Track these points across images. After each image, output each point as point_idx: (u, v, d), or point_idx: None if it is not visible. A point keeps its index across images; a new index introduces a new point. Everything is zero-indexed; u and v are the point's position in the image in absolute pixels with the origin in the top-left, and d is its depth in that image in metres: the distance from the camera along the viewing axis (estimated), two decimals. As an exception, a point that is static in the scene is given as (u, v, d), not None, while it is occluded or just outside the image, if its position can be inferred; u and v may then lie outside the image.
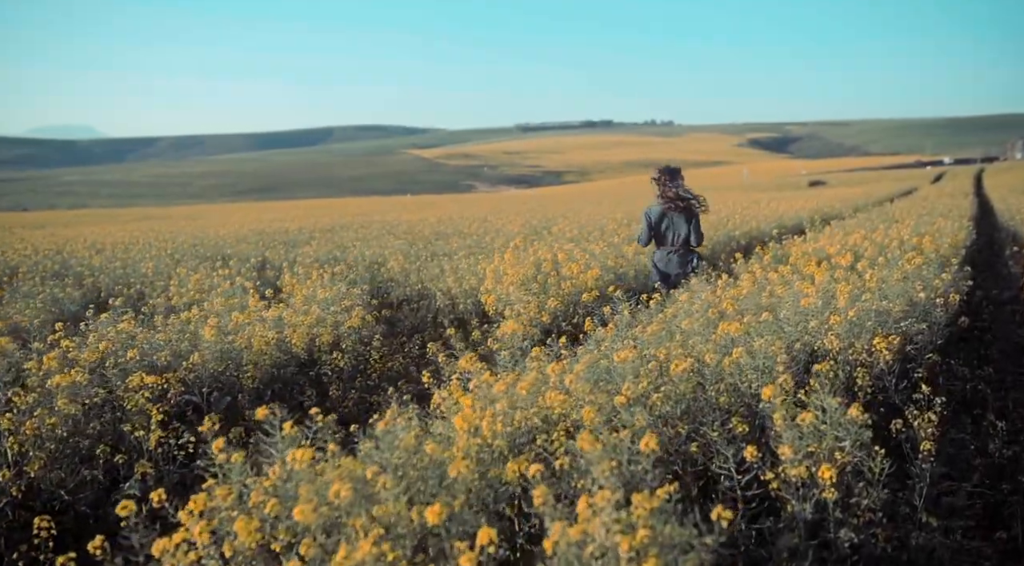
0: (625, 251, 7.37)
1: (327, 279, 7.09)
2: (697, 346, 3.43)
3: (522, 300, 5.55)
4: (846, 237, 8.03)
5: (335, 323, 5.16)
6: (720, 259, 8.43)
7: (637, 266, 6.96)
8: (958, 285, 5.48)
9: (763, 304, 4.30)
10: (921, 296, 4.52)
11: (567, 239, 9.45)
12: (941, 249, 6.66)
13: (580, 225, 11.70)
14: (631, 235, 9.35)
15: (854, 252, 6.73)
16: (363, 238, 13.08)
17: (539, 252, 7.04)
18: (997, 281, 10.13)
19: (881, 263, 5.83)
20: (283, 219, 25.22)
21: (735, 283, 5.22)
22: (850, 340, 3.52)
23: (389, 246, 10.54)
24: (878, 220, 11.19)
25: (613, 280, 6.64)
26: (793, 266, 6.09)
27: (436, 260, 8.81)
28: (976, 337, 6.37)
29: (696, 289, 4.74)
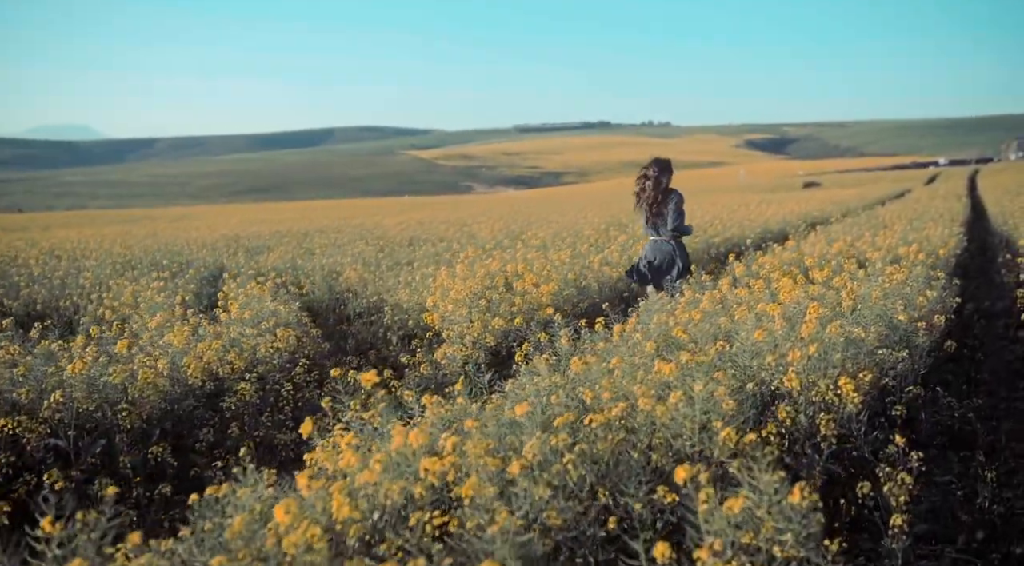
0: (591, 261, 6.87)
1: (267, 292, 6.56)
2: (635, 386, 2.91)
3: (464, 320, 5.03)
4: (828, 246, 7.53)
5: (253, 346, 4.63)
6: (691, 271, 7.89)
7: (601, 278, 6.44)
8: (945, 302, 4.97)
9: (721, 329, 3.79)
10: (902, 318, 4.00)
11: (535, 247, 8.93)
12: (929, 259, 6.16)
13: (555, 232, 11.19)
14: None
15: (835, 262, 6.22)
16: (334, 243, 12.55)
17: (493, 264, 6.52)
18: (989, 290, 9.63)
19: (862, 276, 5.32)
20: (267, 221, 24.68)
21: (696, 303, 4.71)
22: (814, 378, 3.00)
23: (351, 253, 10.01)
24: (866, 225, 10.69)
25: (574, 295, 6.12)
26: (767, 279, 5.58)
27: (396, 270, 8.29)
28: (966, 356, 5.86)
29: (649, 309, 4.22)
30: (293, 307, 5.86)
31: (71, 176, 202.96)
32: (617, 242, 8.86)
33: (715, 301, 4.75)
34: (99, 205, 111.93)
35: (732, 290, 5.33)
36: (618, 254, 7.36)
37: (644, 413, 2.69)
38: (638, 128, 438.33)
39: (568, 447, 2.42)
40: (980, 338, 6.60)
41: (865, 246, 7.28)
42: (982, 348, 6.35)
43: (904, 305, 4.57)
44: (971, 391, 5.14)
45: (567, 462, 2.36)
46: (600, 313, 6.03)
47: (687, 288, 5.63)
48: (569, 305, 5.98)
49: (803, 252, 7.29)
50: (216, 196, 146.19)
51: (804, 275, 5.60)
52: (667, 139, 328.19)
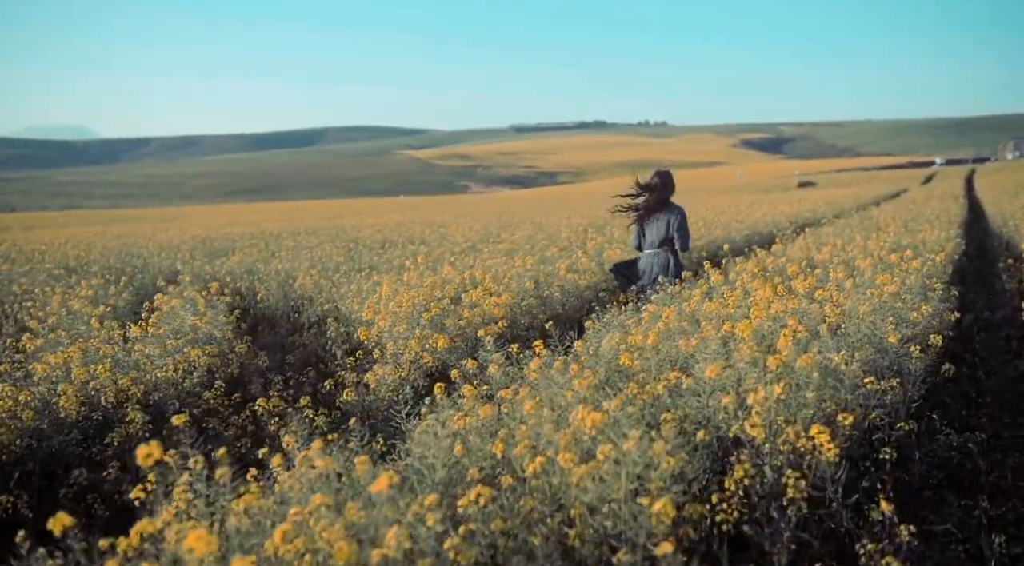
0: (558, 267, 6.30)
1: (203, 301, 5.97)
2: (558, 435, 2.34)
3: (403, 336, 4.46)
4: (816, 250, 6.98)
5: (157, 368, 4.05)
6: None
7: (565, 286, 5.87)
8: (943, 317, 4.41)
9: (681, 354, 3.23)
10: (892, 341, 3.44)
11: (503, 252, 8.36)
12: (925, 266, 5.61)
13: (530, 234, 10.60)
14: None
15: (822, 269, 5.66)
16: (302, 246, 11.97)
17: (447, 271, 5.94)
18: (989, 297, 9.09)
19: (849, 287, 4.76)
20: (247, 222, 24.10)
21: (659, 318, 4.14)
22: (783, 420, 2.44)
23: (310, 258, 9.43)
24: (858, 228, 10.13)
25: (534, 306, 5.55)
26: (744, 289, 5.02)
27: (354, 276, 7.71)
28: (966, 375, 5.31)
29: (598, 330, 3.66)
30: (219, 319, 5.27)
31: (65, 176, 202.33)
32: (588, 246, 8.30)
33: (682, 316, 4.19)
34: (93, 205, 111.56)
35: (704, 302, 4.77)
36: (588, 259, 6.79)
37: (564, 473, 2.13)
38: (634, 128, 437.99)
39: (457, 526, 1.85)
40: (980, 353, 6.05)
41: (856, 251, 6.72)
42: (983, 364, 5.80)
43: (896, 322, 4.01)
44: (972, 417, 4.59)
45: (448, 549, 1.79)
46: (565, 325, 5.47)
47: (652, 300, 5.07)
48: (528, 316, 5.42)
49: (789, 257, 6.73)
50: (210, 196, 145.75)
51: (786, 285, 5.04)
52: (663, 139, 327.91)
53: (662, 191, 5.66)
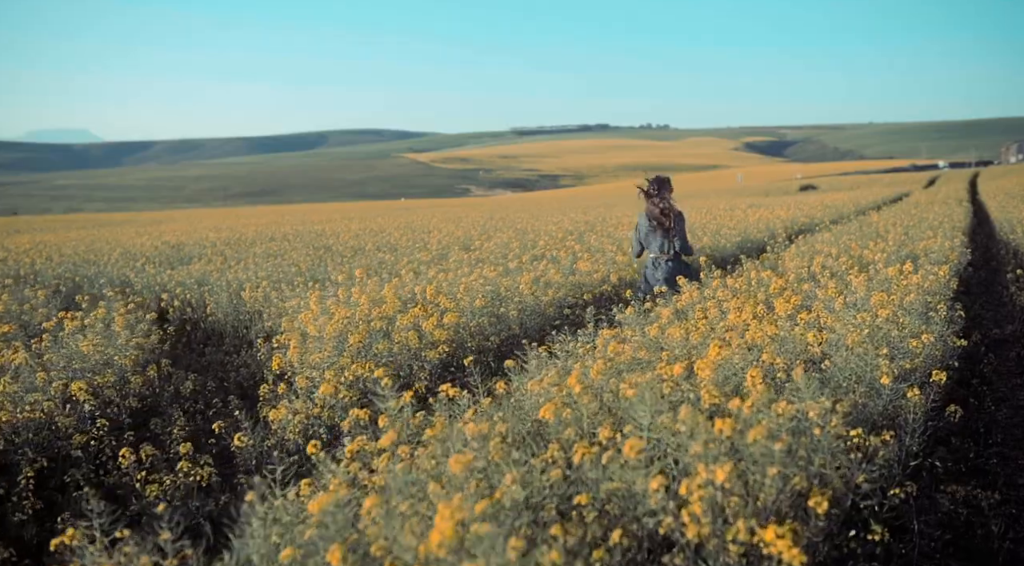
0: (520, 280, 5.67)
1: (121, 319, 5.35)
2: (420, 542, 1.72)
3: (319, 365, 3.85)
4: (808, 261, 6.36)
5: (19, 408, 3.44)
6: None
7: (522, 303, 5.24)
8: (947, 344, 3.79)
9: (620, 404, 2.61)
10: (886, 382, 2.82)
11: (470, 261, 7.74)
12: (927, 281, 4.98)
13: (505, 242, 9.95)
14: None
15: (810, 285, 5.04)
16: (272, 253, 11.36)
17: (395, 283, 5.31)
18: (996, 310, 8.45)
19: (839, 308, 4.14)
20: (229, 227, 23.53)
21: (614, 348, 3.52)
22: (733, 509, 1.82)
23: (266, 268, 8.82)
24: (856, 235, 9.50)
25: (487, 326, 4.93)
26: (722, 310, 4.40)
27: (308, 288, 7.10)
28: (974, 406, 4.68)
29: (534, 371, 3.05)
30: (129, 341, 4.65)
31: (68, 179, 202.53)
32: (562, 256, 7.66)
33: (643, 343, 3.57)
34: (95, 208, 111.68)
35: (672, 325, 4.15)
36: (556, 271, 6.17)
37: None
38: (637, 131, 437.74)
39: None
40: (989, 377, 5.42)
41: (849, 263, 6.10)
42: (992, 391, 5.17)
43: (891, 353, 3.39)
44: (981, 458, 3.96)
45: None
46: (519, 347, 4.86)
47: (618, 321, 4.47)
48: (480, 337, 4.80)
49: (776, 269, 6.11)
50: (211, 199, 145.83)
51: (769, 305, 4.42)
52: (665, 142, 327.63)
53: (666, 196, 5.75)
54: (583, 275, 6.28)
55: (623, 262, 7.11)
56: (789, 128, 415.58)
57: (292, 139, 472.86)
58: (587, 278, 6.27)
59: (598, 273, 6.35)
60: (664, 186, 5.79)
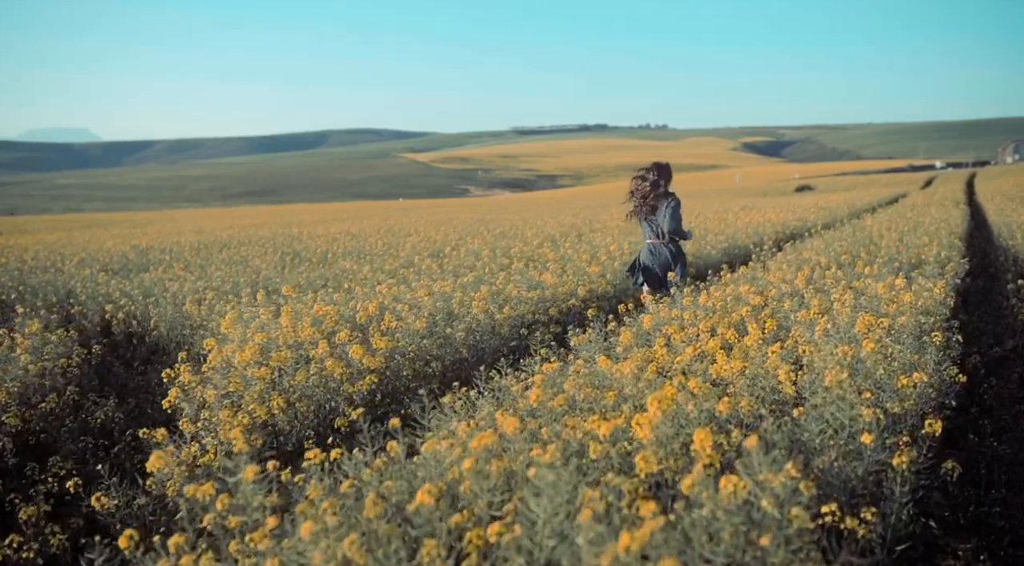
0: (473, 297, 5.14)
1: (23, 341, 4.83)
2: None
3: (220, 404, 3.33)
4: (794, 272, 5.84)
5: None
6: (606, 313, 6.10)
7: (475, 323, 4.72)
8: (943, 378, 3.27)
9: (518, 477, 2.09)
10: (867, 441, 2.31)
11: (430, 272, 7.21)
12: (921, 298, 4.47)
13: (475, 249, 9.40)
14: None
15: (791, 304, 4.53)
16: (235, 260, 10.83)
17: (320, 305, 4.78)
18: (996, 321, 7.93)
19: (819, 336, 3.63)
20: (212, 229, 23.02)
21: (555, 382, 3.01)
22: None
23: (222, 275, 8.30)
24: (849, 240, 9.00)
25: (430, 350, 4.41)
26: (688, 335, 3.89)
27: (249, 301, 6.58)
28: (973, 443, 4.16)
29: (452, 415, 2.55)
30: (17, 369, 4.13)
31: (67, 179, 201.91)
32: (528, 267, 7.14)
33: (580, 381, 3.06)
34: (95, 208, 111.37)
35: (628, 354, 3.64)
36: (514, 286, 5.62)
37: None
38: (635, 131, 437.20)
39: None
40: (989, 405, 4.91)
41: (839, 275, 5.59)
42: (993, 420, 4.66)
43: (878, 395, 2.89)
44: (982, 510, 3.45)
45: None
46: (467, 376, 4.35)
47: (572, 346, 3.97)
48: (420, 362, 4.29)
49: (758, 281, 5.60)
50: (210, 199, 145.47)
51: (736, 330, 3.90)
52: (664, 142, 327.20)
53: (656, 180, 5.77)
54: (548, 288, 5.76)
55: (595, 273, 6.60)
56: (788, 128, 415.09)
57: (292, 139, 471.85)
58: (553, 291, 5.75)
59: (565, 286, 5.83)
60: (662, 174, 5.81)
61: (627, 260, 7.26)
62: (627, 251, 8.45)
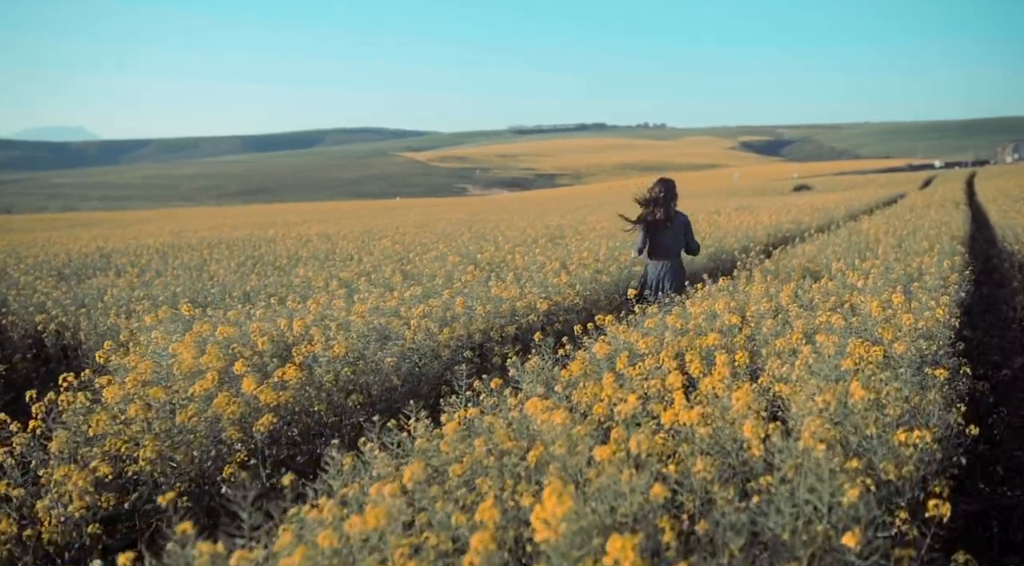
0: (413, 313, 4.53)
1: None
2: None
3: (61, 456, 2.72)
4: (777, 288, 5.24)
5: None
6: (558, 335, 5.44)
7: (404, 346, 4.10)
8: (949, 434, 2.66)
9: None
10: (851, 543, 1.70)
11: (388, 282, 6.59)
12: (922, 319, 3.87)
13: (438, 255, 8.73)
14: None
15: (771, 328, 3.93)
16: (192, 265, 10.19)
17: (224, 328, 4.16)
18: (1001, 335, 7.34)
19: (801, 367, 3.02)
20: (188, 229, 22.40)
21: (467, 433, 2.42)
22: None
23: (180, 282, 7.68)
24: (842, 246, 8.40)
25: (348, 383, 3.80)
26: (635, 372, 3.29)
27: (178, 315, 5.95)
28: (984, 497, 3.56)
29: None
30: None
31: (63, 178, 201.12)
32: (483, 279, 6.50)
33: (502, 434, 2.45)
34: (90, 207, 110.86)
35: (571, 391, 3.05)
36: (460, 303, 4.96)
37: None
38: (634, 130, 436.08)
39: None
40: (1000, 439, 4.30)
41: (828, 289, 4.99)
42: (1006, 456, 4.06)
43: (866, 458, 2.28)
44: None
45: None
46: (398, 409, 3.75)
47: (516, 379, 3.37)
48: (341, 394, 3.68)
49: (738, 296, 4.99)
50: (206, 198, 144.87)
51: (704, 361, 3.30)
52: (663, 141, 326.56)
53: (667, 202, 5.69)
54: (505, 302, 5.14)
55: (560, 284, 5.98)
56: (786, 127, 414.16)
57: (289, 138, 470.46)
58: (511, 305, 5.13)
59: (523, 300, 5.20)
60: (668, 191, 5.75)
61: (613, 273, 6.90)
62: (602, 257, 7.84)
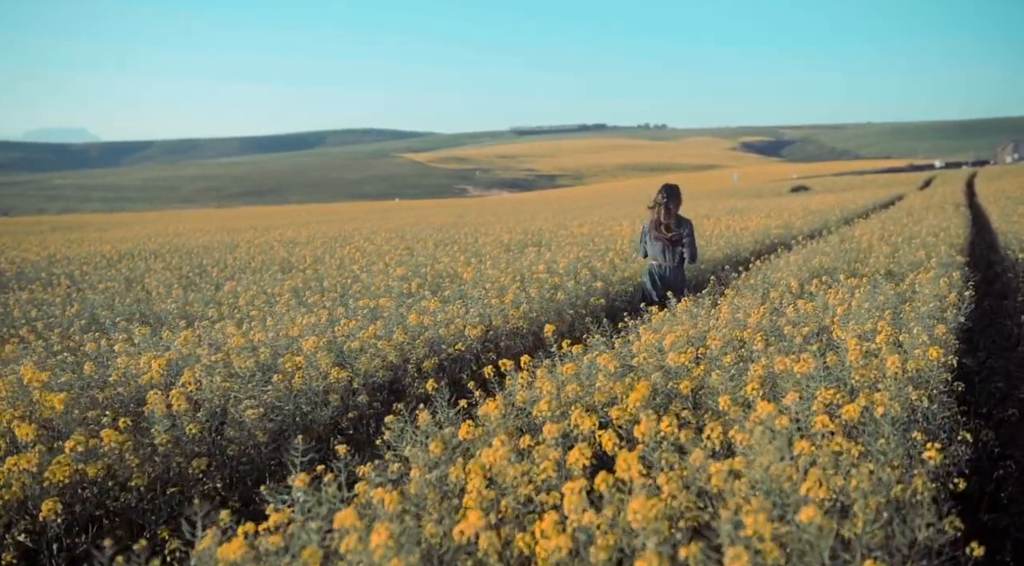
0: (305, 345, 3.76)
1: None
2: None
3: None
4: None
5: None
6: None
7: (275, 390, 3.35)
8: (944, 507, 1.92)
9: None
10: None
11: (314, 302, 5.83)
12: (915, 359, 3.13)
13: (380, 269, 7.95)
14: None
15: (726, 367, 3.18)
16: (131, 277, 9.44)
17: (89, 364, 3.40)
18: (1006, 357, 6.57)
19: (757, 442, 2.28)
20: (168, 233, 21.71)
21: None
22: None
23: (96, 298, 6.95)
24: (831, 256, 7.65)
25: (197, 445, 3.05)
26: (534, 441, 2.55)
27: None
28: None
29: None
30: None
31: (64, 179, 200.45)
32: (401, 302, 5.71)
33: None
34: (91, 208, 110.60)
35: (434, 472, 2.31)
36: (375, 328, 4.16)
37: None
38: (634, 131, 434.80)
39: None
40: (1007, 497, 3.55)
41: (804, 313, 4.25)
42: (1017, 529, 3.31)
43: None
44: None
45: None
46: (259, 477, 3.01)
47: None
48: (182, 458, 2.94)
49: (700, 323, 4.24)
50: (207, 199, 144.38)
51: (655, 413, 2.55)
52: (663, 142, 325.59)
53: (668, 206, 5.75)
54: (428, 329, 4.37)
55: (506, 303, 5.22)
56: (787, 128, 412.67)
57: (290, 139, 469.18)
58: (433, 333, 4.36)
59: (449, 327, 4.43)
60: (671, 196, 5.79)
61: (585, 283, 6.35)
62: (563, 269, 7.09)
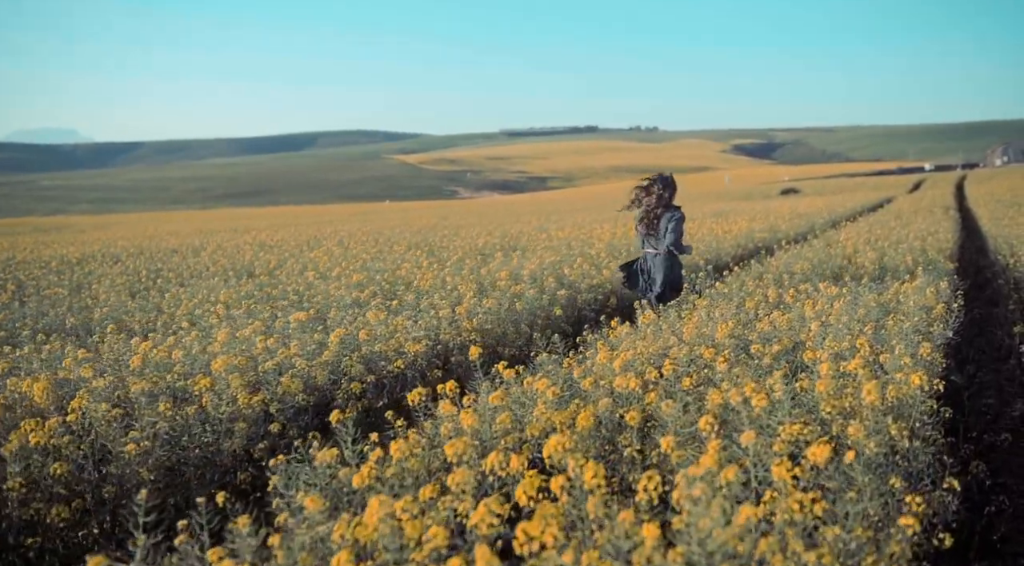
0: (214, 366, 3.34)
1: None
2: None
3: None
4: (715, 326, 4.09)
5: None
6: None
7: (164, 426, 2.91)
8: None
9: None
10: None
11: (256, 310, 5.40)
12: (896, 387, 2.73)
13: (341, 275, 7.49)
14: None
15: (700, 372, 2.78)
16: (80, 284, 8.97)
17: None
18: (997, 370, 6.19)
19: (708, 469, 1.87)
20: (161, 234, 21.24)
21: None
22: None
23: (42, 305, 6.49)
24: (813, 259, 7.27)
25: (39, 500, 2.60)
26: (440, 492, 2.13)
27: None
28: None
29: None
30: None
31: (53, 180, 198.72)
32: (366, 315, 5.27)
33: None
34: (80, 210, 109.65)
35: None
36: (297, 347, 3.68)
37: None
38: (626, 133, 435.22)
39: None
40: (1000, 539, 3.16)
41: (778, 326, 3.86)
42: None
43: None
44: None
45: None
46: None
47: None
48: (44, 503, 2.49)
49: (662, 338, 3.84)
50: (197, 201, 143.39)
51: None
52: (655, 144, 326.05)
53: (662, 194, 5.73)
54: (363, 345, 3.93)
55: (458, 316, 4.80)
56: (779, 130, 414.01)
57: (281, 140, 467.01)
58: (368, 349, 3.92)
59: (389, 342, 3.99)
60: (664, 185, 5.75)
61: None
62: (527, 277, 6.69)
